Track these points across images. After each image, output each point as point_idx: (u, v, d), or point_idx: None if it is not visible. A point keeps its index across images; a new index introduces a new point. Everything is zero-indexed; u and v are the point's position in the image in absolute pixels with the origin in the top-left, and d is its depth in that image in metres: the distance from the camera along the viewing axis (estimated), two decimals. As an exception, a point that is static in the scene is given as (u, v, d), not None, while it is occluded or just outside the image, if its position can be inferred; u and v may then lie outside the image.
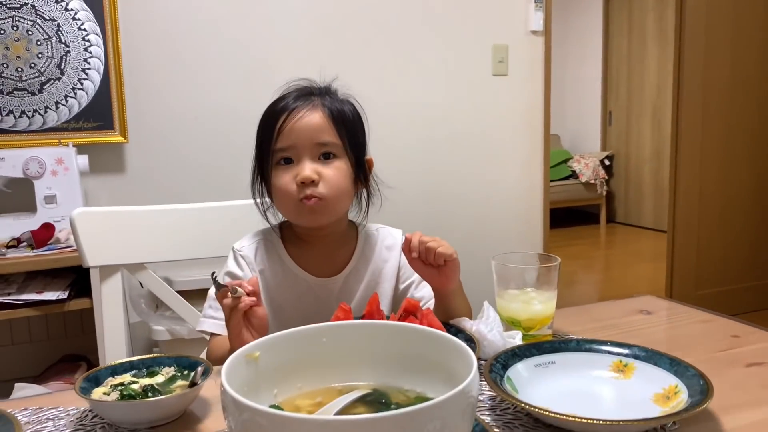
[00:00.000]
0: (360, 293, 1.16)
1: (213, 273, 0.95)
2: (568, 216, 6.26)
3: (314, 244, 1.15)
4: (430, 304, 1.11)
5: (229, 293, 0.91)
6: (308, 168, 1.04)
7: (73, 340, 2.27)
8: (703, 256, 3.50)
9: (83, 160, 2.08)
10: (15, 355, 2.22)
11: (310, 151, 1.06)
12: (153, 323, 1.96)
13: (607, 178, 6.27)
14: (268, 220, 1.16)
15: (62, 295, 1.86)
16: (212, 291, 1.09)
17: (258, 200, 1.15)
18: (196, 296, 1.41)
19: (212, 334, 1.10)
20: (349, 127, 1.09)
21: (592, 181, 6.16)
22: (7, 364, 2.20)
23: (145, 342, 2.03)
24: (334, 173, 1.06)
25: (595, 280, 4.58)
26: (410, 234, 1.02)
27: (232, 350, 0.96)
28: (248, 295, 0.92)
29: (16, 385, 1.92)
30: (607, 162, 6.31)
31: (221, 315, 0.98)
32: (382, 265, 1.18)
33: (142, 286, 2.01)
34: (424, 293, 1.15)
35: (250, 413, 0.54)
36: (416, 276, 1.15)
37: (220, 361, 0.96)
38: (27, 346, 2.24)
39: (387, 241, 1.20)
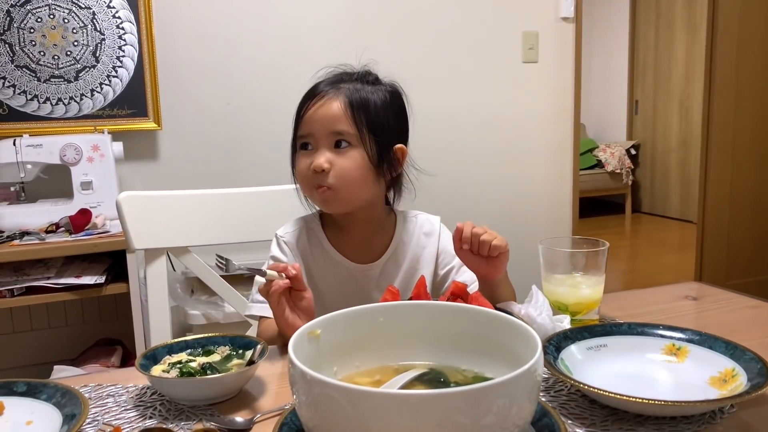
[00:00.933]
0: (399, 279, 1.17)
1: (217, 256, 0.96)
2: (594, 206, 6.21)
3: (351, 230, 1.16)
4: (473, 288, 1.11)
5: (265, 279, 0.93)
6: (322, 157, 1.06)
7: (107, 325, 2.31)
8: (733, 245, 3.46)
9: (118, 146, 2.11)
10: (52, 338, 2.26)
11: (326, 139, 1.08)
12: (189, 307, 1.98)
13: (632, 167, 6.20)
14: (308, 206, 1.18)
15: (100, 279, 1.89)
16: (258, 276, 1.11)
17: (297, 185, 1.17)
18: (231, 281, 1.42)
19: (261, 318, 1.11)
20: (371, 116, 1.09)
21: (618, 171, 6.10)
22: (45, 347, 2.24)
23: (179, 326, 2.06)
24: (346, 163, 1.07)
25: (621, 269, 4.55)
26: (461, 224, 1.02)
27: (279, 332, 0.98)
28: (290, 278, 0.93)
29: (55, 367, 1.96)
30: (633, 151, 6.25)
31: None
32: (420, 252, 1.19)
33: (175, 270, 2.04)
34: (465, 278, 1.15)
35: (322, 387, 0.55)
36: (456, 261, 1.16)
37: (269, 343, 0.98)
38: (63, 329, 2.28)
39: (425, 227, 1.21)
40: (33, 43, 2.13)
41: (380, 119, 1.10)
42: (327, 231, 1.17)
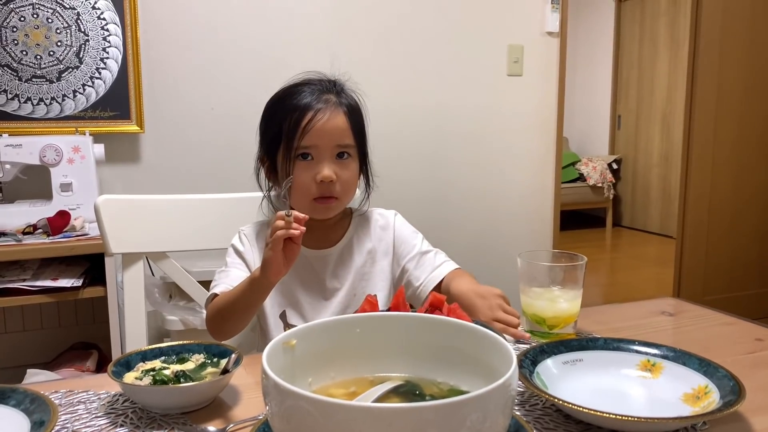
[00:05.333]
0: (356, 268, 1.22)
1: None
2: (575, 219, 6.26)
3: (313, 225, 1.19)
4: (432, 279, 1.18)
5: (285, 215, 0.95)
6: (328, 169, 1.11)
7: (84, 328, 2.28)
8: (711, 261, 3.50)
9: (99, 149, 2.09)
10: (27, 341, 2.23)
11: (330, 151, 1.13)
12: (166, 313, 1.96)
13: (614, 181, 6.26)
14: (274, 208, 1.23)
15: (76, 282, 1.86)
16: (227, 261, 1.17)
17: (266, 191, 1.22)
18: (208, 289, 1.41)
19: (212, 295, 1.13)
20: (360, 126, 1.17)
21: (600, 185, 6.15)
22: (19, 350, 2.21)
23: (156, 332, 2.03)
24: (349, 174, 1.14)
25: (601, 283, 4.58)
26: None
27: (263, 270, 0.97)
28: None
29: (28, 371, 1.93)
30: (614, 165, 6.31)
31: (227, 281, 1.10)
32: (377, 244, 1.25)
33: (153, 275, 2.02)
34: (437, 260, 1.22)
35: (295, 399, 0.54)
36: (416, 250, 1.23)
37: (224, 306, 1.04)
38: (38, 333, 2.25)
39: (380, 221, 1.27)
40: (15, 41, 2.11)
41: (363, 127, 1.18)
42: None
